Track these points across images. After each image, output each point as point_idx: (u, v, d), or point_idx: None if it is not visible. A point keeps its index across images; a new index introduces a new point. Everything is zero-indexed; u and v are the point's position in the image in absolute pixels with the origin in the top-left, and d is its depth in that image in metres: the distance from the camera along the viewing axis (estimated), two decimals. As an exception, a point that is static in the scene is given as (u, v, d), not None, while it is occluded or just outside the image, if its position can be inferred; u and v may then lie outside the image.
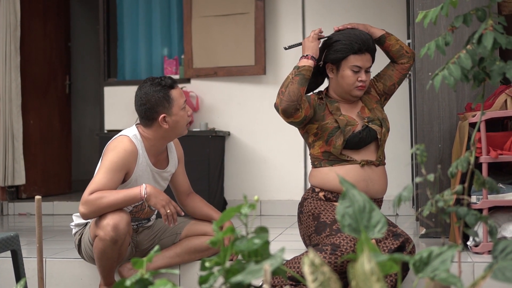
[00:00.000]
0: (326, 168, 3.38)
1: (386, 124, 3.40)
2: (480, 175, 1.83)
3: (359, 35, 3.35)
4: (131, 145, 3.30)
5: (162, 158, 3.50)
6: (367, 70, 3.37)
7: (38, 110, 7.09)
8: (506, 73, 1.79)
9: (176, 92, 3.35)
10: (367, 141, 3.34)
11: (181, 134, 3.44)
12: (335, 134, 3.31)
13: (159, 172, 3.45)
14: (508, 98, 3.66)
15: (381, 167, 3.39)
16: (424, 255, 1.50)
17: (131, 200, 3.22)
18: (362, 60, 3.34)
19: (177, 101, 3.34)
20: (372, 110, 3.41)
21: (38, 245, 2.43)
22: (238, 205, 1.54)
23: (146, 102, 3.31)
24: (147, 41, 6.65)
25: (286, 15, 6.20)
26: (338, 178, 3.33)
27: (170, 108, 3.32)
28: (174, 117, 3.34)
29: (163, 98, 3.30)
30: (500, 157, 3.47)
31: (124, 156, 3.26)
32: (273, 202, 6.06)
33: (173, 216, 3.23)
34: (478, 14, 1.87)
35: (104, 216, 3.18)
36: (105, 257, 3.25)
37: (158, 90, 3.31)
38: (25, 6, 6.76)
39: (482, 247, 3.50)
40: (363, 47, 3.34)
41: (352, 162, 3.33)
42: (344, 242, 3.04)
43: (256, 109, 6.19)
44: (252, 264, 1.44)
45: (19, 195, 6.76)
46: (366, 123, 3.35)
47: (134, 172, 3.32)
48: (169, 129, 3.35)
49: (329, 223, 3.21)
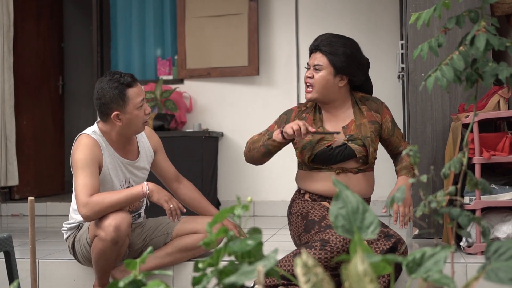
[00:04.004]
0: (306, 172, 3.45)
1: (371, 143, 3.35)
2: (473, 176, 1.83)
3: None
4: (90, 139, 3.33)
5: (132, 149, 3.51)
6: (316, 68, 3.37)
7: (31, 110, 7.07)
8: (499, 74, 1.79)
9: (134, 90, 3.33)
10: (339, 159, 3.35)
11: (137, 132, 3.44)
12: (307, 147, 3.35)
13: (131, 163, 3.47)
14: (501, 99, 3.67)
15: (361, 173, 3.40)
16: (417, 256, 1.50)
17: (134, 198, 3.24)
18: (311, 59, 3.42)
19: (133, 100, 3.32)
20: (359, 126, 3.39)
21: (31, 246, 2.43)
22: (232, 206, 1.54)
23: (101, 97, 3.32)
24: (141, 42, 6.64)
25: (280, 16, 6.20)
26: (317, 183, 3.39)
27: (124, 107, 3.31)
28: (128, 116, 3.33)
29: (117, 95, 3.30)
30: (493, 158, 3.48)
31: (87, 151, 3.28)
32: (266, 203, 6.06)
33: (176, 211, 3.26)
34: (471, 16, 1.87)
35: (106, 217, 3.19)
36: (103, 258, 3.25)
37: (115, 87, 3.30)
38: (18, 7, 6.74)
39: (475, 248, 3.51)
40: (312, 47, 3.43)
41: (328, 169, 3.38)
42: (334, 238, 3.04)
43: (249, 110, 6.19)
44: (246, 265, 1.44)
45: (12, 196, 6.74)
46: (346, 141, 3.36)
47: (104, 165, 3.35)
48: (123, 126, 3.35)
49: (317, 220, 3.24)
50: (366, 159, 3.36)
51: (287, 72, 6.16)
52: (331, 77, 3.35)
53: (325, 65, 3.34)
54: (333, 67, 3.34)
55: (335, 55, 3.33)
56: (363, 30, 5.98)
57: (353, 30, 5.95)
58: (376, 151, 3.40)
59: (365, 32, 5.98)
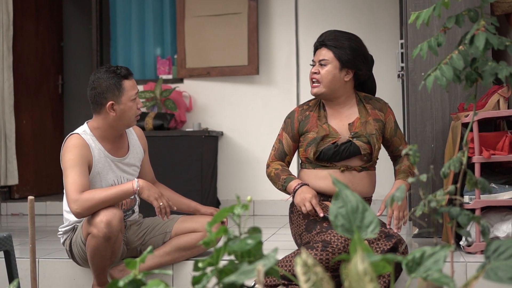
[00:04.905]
0: (309, 171, 3.45)
1: (376, 141, 3.38)
2: (472, 175, 1.83)
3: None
4: (79, 139, 3.37)
5: (122, 146, 3.53)
6: (321, 63, 3.41)
7: (31, 110, 7.07)
8: (498, 73, 1.79)
9: (129, 83, 3.40)
10: (344, 156, 3.36)
11: (129, 125, 3.47)
12: (312, 144, 3.36)
13: (121, 160, 3.49)
14: (501, 98, 3.67)
15: (365, 172, 3.41)
16: (417, 255, 1.50)
17: (124, 194, 3.26)
18: (316, 55, 3.46)
19: (128, 91, 3.38)
20: (364, 124, 3.41)
21: (31, 246, 2.43)
22: (231, 205, 1.54)
23: (97, 86, 3.39)
24: (140, 41, 6.64)
25: (279, 15, 6.20)
26: (321, 181, 3.40)
27: (119, 97, 3.37)
28: (122, 106, 3.38)
29: (113, 85, 3.36)
30: (493, 157, 3.48)
31: (76, 151, 3.32)
32: (266, 202, 6.06)
33: (166, 209, 3.27)
34: (470, 15, 1.87)
35: (97, 213, 3.20)
36: (98, 255, 3.25)
37: (111, 77, 3.37)
38: (17, 6, 6.74)
39: (474, 247, 3.51)
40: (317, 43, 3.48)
41: (332, 167, 3.38)
42: (335, 239, 3.05)
43: (249, 109, 6.19)
44: (245, 264, 1.44)
45: (11, 195, 6.74)
46: (350, 138, 3.38)
47: (94, 165, 3.38)
48: (116, 117, 3.39)
49: (319, 220, 3.24)
50: (370, 157, 3.37)
51: (286, 72, 6.16)
52: (337, 71, 3.38)
53: (331, 59, 3.38)
54: (338, 61, 3.37)
55: (340, 48, 3.37)
56: (363, 30, 5.97)
57: (353, 29, 5.90)
58: (379, 149, 3.41)
59: (365, 32, 5.97)
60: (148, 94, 6.12)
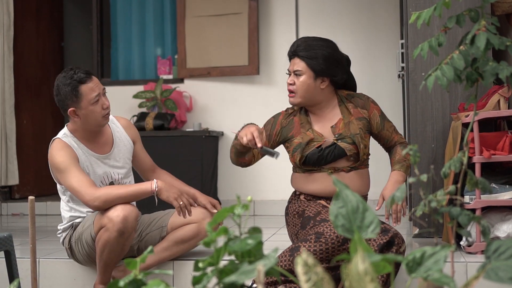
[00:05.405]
0: (299, 175, 3.46)
1: (360, 140, 3.35)
2: (473, 175, 1.83)
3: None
4: (62, 142, 3.38)
5: (103, 142, 3.52)
6: (296, 73, 3.38)
7: (31, 110, 7.07)
8: (499, 73, 1.79)
9: (87, 87, 3.34)
10: (329, 160, 3.35)
11: (99, 125, 3.45)
12: (297, 150, 3.37)
13: (105, 156, 3.49)
14: (501, 98, 3.67)
15: (354, 171, 3.40)
16: (417, 255, 1.50)
17: (141, 194, 3.28)
18: (291, 65, 3.42)
19: (86, 96, 3.34)
20: (347, 124, 3.39)
21: (32, 246, 2.42)
22: (232, 205, 1.54)
23: (57, 93, 3.38)
24: (141, 41, 6.64)
25: (280, 15, 6.20)
26: (311, 184, 3.40)
27: (78, 103, 3.35)
28: (84, 111, 3.36)
29: (70, 92, 3.33)
30: (493, 157, 3.48)
31: (63, 152, 3.33)
32: (266, 202, 6.06)
33: (187, 208, 3.27)
34: (471, 15, 1.87)
35: (114, 208, 3.22)
36: (108, 250, 3.25)
37: (68, 83, 3.33)
38: (18, 6, 6.74)
39: (475, 247, 3.51)
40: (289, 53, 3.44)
41: (320, 170, 3.38)
42: (328, 230, 3.05)
43: (249, 109, 6.19)
44: (246, 264, 1.44)
45: (12, 196, 6.74)
46: (335, 140, 3.37)
47: (81, 164, 3.38)
48: (82, 121, 3.39)
49: (312, 215, 3.27)
50: (357, 156, 3.36)
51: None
52: (312, 80, 3.36)
53: (304, 70, 3.35)
54: (312, 71, 3.35)
55: (312, 59, 3.34)
56: (363, 30, 5.98)
57: (353, 29, 5.95)
58: (367, 147, 3.39)
59: (365, 32, 5.98)
60: (148, 94, 6.12)
